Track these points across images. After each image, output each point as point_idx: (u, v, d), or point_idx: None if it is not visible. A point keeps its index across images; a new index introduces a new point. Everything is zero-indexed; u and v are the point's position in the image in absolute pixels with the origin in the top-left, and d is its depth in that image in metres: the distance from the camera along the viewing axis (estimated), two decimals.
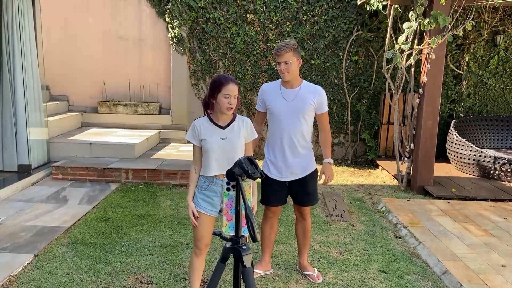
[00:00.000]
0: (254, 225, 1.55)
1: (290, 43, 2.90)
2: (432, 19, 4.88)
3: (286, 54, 2.87)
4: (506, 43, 6.99)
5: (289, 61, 2.88)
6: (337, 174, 6.39)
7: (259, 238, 1.60)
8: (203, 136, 2.49)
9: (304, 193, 3.11)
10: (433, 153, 5.40)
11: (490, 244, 3.84)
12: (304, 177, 3.08)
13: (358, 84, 7.04)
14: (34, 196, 4.88)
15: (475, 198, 5.13)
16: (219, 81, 2.44)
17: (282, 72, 2.91)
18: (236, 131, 2.51)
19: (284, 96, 2.98)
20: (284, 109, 2.97)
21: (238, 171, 1.65)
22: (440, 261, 3.47)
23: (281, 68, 2.90)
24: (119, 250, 3.61)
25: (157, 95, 7.51)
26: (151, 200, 4.87)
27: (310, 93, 2.99)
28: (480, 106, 7.28)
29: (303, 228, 3.27)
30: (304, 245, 3.31)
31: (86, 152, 5.96)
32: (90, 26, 7.31)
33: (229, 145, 2.47)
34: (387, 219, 4.55)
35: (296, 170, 3.05)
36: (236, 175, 1.65)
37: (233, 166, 1.69)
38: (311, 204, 3.17)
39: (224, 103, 2.41)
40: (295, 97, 2.97)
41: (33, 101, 5.56)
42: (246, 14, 6.86)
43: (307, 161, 3.09)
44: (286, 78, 2.94)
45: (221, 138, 2.47)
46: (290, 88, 3.00)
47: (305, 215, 3.23)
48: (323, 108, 3.04)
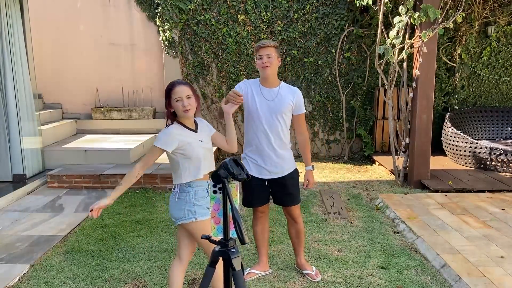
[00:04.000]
0: (242, 227, 1.54)
1: (273, 42, 2.94)
2: (422, 13, 4.87)
3: (269, 48, 2.87)
4: (497, 33, 6.99)
5: (272, 54, 2.86)
6: (334, 171, 6.38)
7: (247, 240, 1.57)
8: (184, 141, 2.37)
9: (284, 194, 3.08)
10: (428, 147, 5.39)
11: (489, 236, 3.83)
12: (283, 177, 3.05)
13: (351, 81, 7.03)
14: (29, 205, 4.85)
15: (472, 190, 5.12)
16: (167, 89, 2.40)
17: (264, 65, 2.87)
18: (204, 131, 2.52)
19: (264, 95, 2.95)
20: (264, 109, 2.93)
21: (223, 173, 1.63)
22: (439, 254, 3.46)
23: (264, 61, 2.86)
24: (116, 256, 3.59)
25: (151, 99, 7.49)
26: (147, 205, 4.85)
27: (289, 93, 2.98)
28: (474, 98, 7.28)
29: (295, 231, 3.24)
30: (299, 245, 3.29)
31: (81, 159, 5.93)
32: (82, 33, 7.28)
33: (206, 147, 2.47)
34: (385, 214, 4.54)
35: (275, 170, 3.02)
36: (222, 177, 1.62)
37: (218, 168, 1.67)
38: (291, 204, 3.11)
39: (178, 106, 2.35)
40: (276, 97, 2.94)
41: (26, 110, 5.53)
42: (237, 15, 6.84)
43: (286, 160, 3.05)
44: (267, 72, 2.89)
45: (200, 140, 2.45)
46: (270, 87, 2.97)
47: (295, 217, 3.18)
48: (301, 109, 3.04)
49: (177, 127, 2.40)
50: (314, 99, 7.10)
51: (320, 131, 7.28)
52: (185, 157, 2.39)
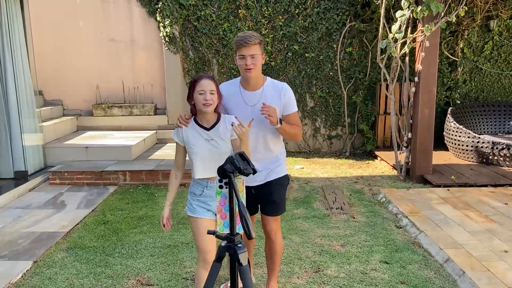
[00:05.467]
0: (249, 222, 1.53)
1: (256, 35, 2.45)
2: (425, 6, 4.84)
3: (254, 46, 2.40)
4: (500, 27, 6.96)
5: (256, 54, 2.42)
6: (336, 166, 6.36)
7: (254, 235, 1.55)
8: (188, 136, 2.39)
9: (267, 201, 2.68)
10: (431, 142, 5.37)
11: (492, 230, 3.83)
12: (270, 182, 2.66)
13: (353, 76, 7.01)
14: (31, 202, 4.85)
15: (474, 184, 5.11)
16: (192, 80, 2.40)
17: (248, 68, 2.42)
18: (222, 133, 2.38)
19: (246, 100, 2.54)
20: (247, 116, 2.46)
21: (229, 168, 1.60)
22: (442, 249, 3.45)
23: (247, 63, 2.41)
24: (119, 252, 3.59)
25: (152, 95, 7.47)
26: (149, 201, 4.84)
27: (275, 95, 2.54)
28: (476, 92, 7.25)
29: (269, 250, 2.76)
30: (271, 269, 2.82)
31: (83, 156, 5.92)
32: (82, 29, 7.26)
33: (214, 147, 2.36)
34: (387, 209, 4.53)
35: (260, 178, 2.64)
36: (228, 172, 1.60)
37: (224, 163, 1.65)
38: (273, 214, 2.68)
39: (200, 99, 2.32)
40: (258, 101, 2.51)
41: (27, 107, 5.52)
42: (238, 10, 6.81)
43: (274, 165, 2.67)
44: (252, 74, 2.46)
45: (206, 139, 2.37)
46: (252, 90, 2.54)
47: (272, 231, 2.69)
48: (291, 108, 2.59)
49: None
50: (316, 94, 7.07)
51: (322, 127, 7.26)
52: (189, 153, 2.44)
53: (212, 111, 2.38)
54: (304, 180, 5.62)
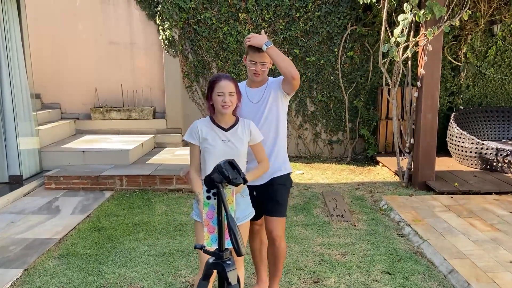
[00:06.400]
0: (238, 237, 1.39)
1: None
2: (428, 10, 4.75)
3: (266, 54, 2.52)
4: (503, 32, 6.87)
5: (267, 62, 2.56)
6: (337, 172, 6.26)
7: (244, 252, 1.44)
8: (205, 135, 2.34)
9: (271, 200, 2.63)
10: (434, 147, 5.26)
11: (497, 240, 3.71)
12: (273, 181, 2.64)
13: (354, 80, 6.91)
14: (25, 207, 4.75)
15: (479, 192, 5.00)
16: (211, 80, 2.35)
17: (257, 73, 2.56)
18: (240, 135, 2.35)
19: (250, 97, 2.64)
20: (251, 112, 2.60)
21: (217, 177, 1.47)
22: (446, 259, 3.34)
23: (257, 69, 2.55)
24: (112, 260, 3.48)
25: (151, 99, 7.39)
26: (146, 207, 4.74)
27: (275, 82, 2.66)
28: (479, 98, 7.15)
29: (272, 255, 2.73)
30: (273, 274, 2.82)
31: (80, 160, 5.82)
32: (80, 32, 7.19)
33: (231, 149, 2.32)
34: (389, 217, 4.41)
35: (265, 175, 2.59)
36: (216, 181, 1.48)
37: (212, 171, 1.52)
38: (275, 214, 2.62)
39: (218, 101, 2.28)
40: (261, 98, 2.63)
41: (22, 111, 5.43)
42: (238, 13, 6.73)
43: (278, 162, 2.66)
44: (259, 78, 2.61)
45: (223, 140, 2.33)
46: (257, 87, 2.66)
47: (275, 237, 2.64)
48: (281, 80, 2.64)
49: (204, 121, 2.39)
50: (316, 99, 6.98)
51: (323, 132, 7.16)
52: (204, 152, 2.34)
53: (231, 113, 2.35)
54: (304, 186, 5.51)
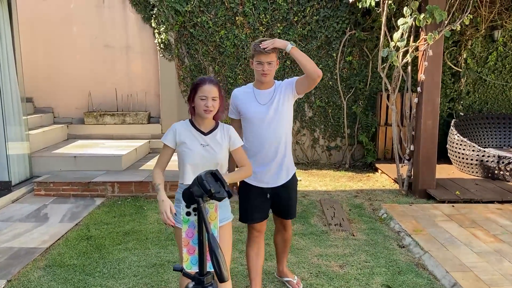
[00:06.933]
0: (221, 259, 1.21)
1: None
2: (428, 14, 4.64)
3: (271, 54, 2.59)
4: (504, 38, 6.77)
5: (273, 61, 2.61)
6: (335, 179, 6.12)
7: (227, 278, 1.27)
8: (183, 139, 2.27)
9: (286, 204, 2.85)
10: (434, 154, 5.14)
11: (501, 251, 3.57)
12: (287, 182, 2.79)
13: (353, 85, 6.79)
14: (13, 214, 4.59)
15: (480, 200, 4.86)
16: (195, 83, 2.27)
17: (265, 73, 2.62)
18: (219, 140, 2.30)
19: (258, 99, 2.70)
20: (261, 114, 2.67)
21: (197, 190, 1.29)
22: (449, 272, 3.20)
23: (264, 69, 2.60)
24: (100, 272, 3.33)
25: (146, 103, 7.25)
26: (137, 214, 4.58)
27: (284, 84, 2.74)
28: (480, 104, 7.04)
29: (283, 239, 3.05)
30: (284, 253, 3.12)
31: (71, 166, 5.67)
32: (75, 35, 7.06)
33: (209, 154, 2.26)
34: (389, 226, 4.27)
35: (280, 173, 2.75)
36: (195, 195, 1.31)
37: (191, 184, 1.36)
38: (291, 217, 2.91)
39: (201, 105, 2.21)
40: (271, 99, 2.69)
41: (12, 115, 5.29)
42: (235, 17, 6.62)
43: (290, 159, 2.81)
44: (268, 79, 2.66)
45: (202, 144, 2.26)
46: (265, 88, 2.72)
47: (287, 227, 2.99)
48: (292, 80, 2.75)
49: (183, 124, 2.32)
50: (315, 104, 6.86)
51: (321, 137, 7.03)
52: (182, 156, 2.28)
53: (211, 117, 2.29)
54: (302, 193, 5.36)
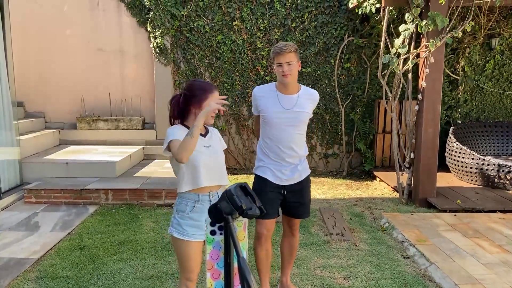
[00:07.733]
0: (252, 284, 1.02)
1: (291, 44, 2.62)
2: (430, 21, 4.59)
3: (290, 54, 2.58)
4: (501, 46, 6.77)
5: (292, 61, 2.59)
6: (333, 187, 6.02)
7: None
8: None
9: (300, 204, 2.84)
10: (435, 163, 5.07)
11: (509, 263, 3.49)
12: (301, 182, 2.80)
13: (351, 92, 6.73)
14: (2, 223, 4.41)
15: (482, 210, 4.79)
16: (204, 89, 2.25)
17: (285, 74, 2.60)
18: (215, 139, 2.38)
19: (282, 103, 2.68)
20: (283, 119, 2.67)
21: (226, 207, 1.05)
22: (457, 285, 3.10)
23: (284, 69, 2.59)
24: (94, 284, 3.17)
25: (140, 108, 7.10)
26: (132, 223, 4.43)
27: (309, 101, 2.76)
28: (477, 112, 7.02)
29: (290, 246, 2.99)
30: (289, 263, 3.05)
31: (63, 172, 5.49)
32: (68, 38, 6.90)
33: (215, 154, 2.31)
34: (392, 236, 4.17)
35: (293, 175, 2.77)
36: (224, 213, 1.10)
37: (219, 199, 1.15)
38: (305, 216, 2.91)
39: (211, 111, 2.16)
40: (294, 105, 2.69)
41: (3, 119, 5.12)
42: (232, 22, 6.53)
43: (304, 162, 2.85)
44: (288, 80, 2.63)
45: (205, 146, 2.28)
46: (289, 94, 2.70)
47: (294, 229, 2.96)
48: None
49: (180, 129, 2.25)
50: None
51: (318, 145, 6.94)
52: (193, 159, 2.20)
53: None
54: None
